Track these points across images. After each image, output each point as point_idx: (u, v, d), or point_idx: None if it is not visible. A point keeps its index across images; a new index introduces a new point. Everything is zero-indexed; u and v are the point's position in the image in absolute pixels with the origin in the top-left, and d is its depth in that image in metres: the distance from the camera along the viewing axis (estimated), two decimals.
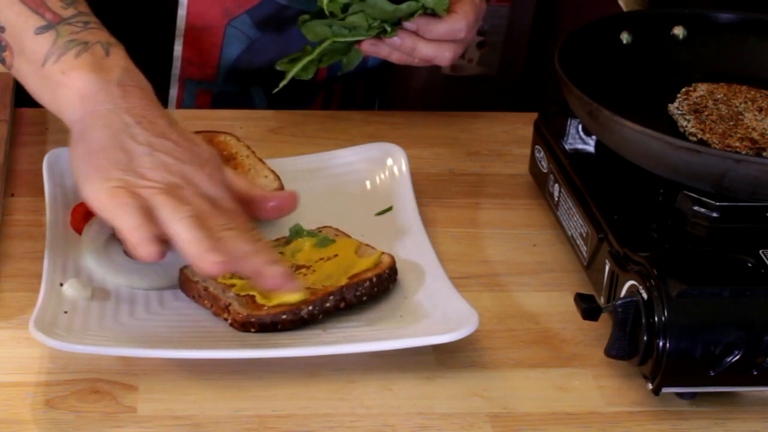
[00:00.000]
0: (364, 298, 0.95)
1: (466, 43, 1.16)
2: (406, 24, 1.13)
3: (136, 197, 0.88)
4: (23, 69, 1.01)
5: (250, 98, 1.34)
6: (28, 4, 1.00)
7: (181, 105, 1.34)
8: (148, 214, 0.88)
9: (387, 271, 0.97)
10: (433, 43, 1.14)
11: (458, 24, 1.14)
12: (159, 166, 0.91)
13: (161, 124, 0.94)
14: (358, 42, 1.15)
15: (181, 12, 1.28)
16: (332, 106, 1.39)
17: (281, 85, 1.16)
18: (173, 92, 1.33)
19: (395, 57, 1.16)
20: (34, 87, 1.00)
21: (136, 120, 0.93)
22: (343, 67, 1.20)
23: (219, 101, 1.34)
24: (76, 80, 0.96)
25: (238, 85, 1.33)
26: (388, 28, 1.13)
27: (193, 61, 1.30)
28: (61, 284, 0.95)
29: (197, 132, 1.11)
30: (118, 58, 0.98)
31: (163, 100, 1.31)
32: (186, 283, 0.96)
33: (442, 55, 1.15)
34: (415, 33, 1.14)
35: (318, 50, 1.15)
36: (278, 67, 1.17)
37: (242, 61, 1.31)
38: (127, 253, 1.00)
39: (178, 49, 1.29)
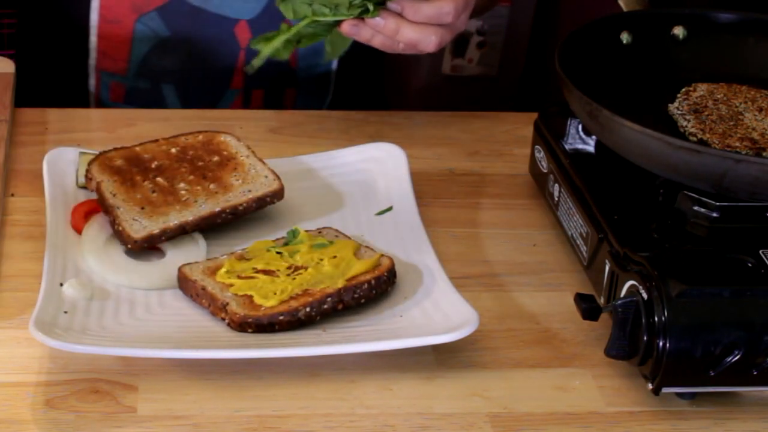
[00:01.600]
0: (362, 301, 0.96)
1: (454, 29, 1.11)
2: (390, 4, 1.08)
3: None
4: None
5: (162, 96, 1.35)
6: None
7: (98, 96, 1.35)
8: None
9: (386, 274, 0.97)
10: (418, 26, 1.09)
11: (446, 7, 1.08)
12: None
13: None
14: (339, 23, 1.09)
15: (94, 4, 1.29)
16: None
17: (255, 65, 1.11)
18: (91, 82, 1.34)
19: (377, 41, 1.10)
20: None
21: None
22: (326, 56, 1.17)
23: (131, 96, 1.35)
24: None
25: (150, 81, 1.34)
26: (371, 7, 1.07)
27: (107, 53, 1.32)
28: (61, 284, 0.95)
29: (197, 132, 1.12)
30: None
31: (83, 89, 1.33)
32: (184, 281, 0.96)
33: (428, 39, 1.09)
34: (399, 15, 1.09)
35: (295, 29, 1.10)
36: (252, 46, 1.11)
37: (152, 58, 1.32)
38: (127, 253, 1.00)
39: (93, 40, 1.31)
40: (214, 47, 1.31)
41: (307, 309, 0.93)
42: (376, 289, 0.96)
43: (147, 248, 1.00)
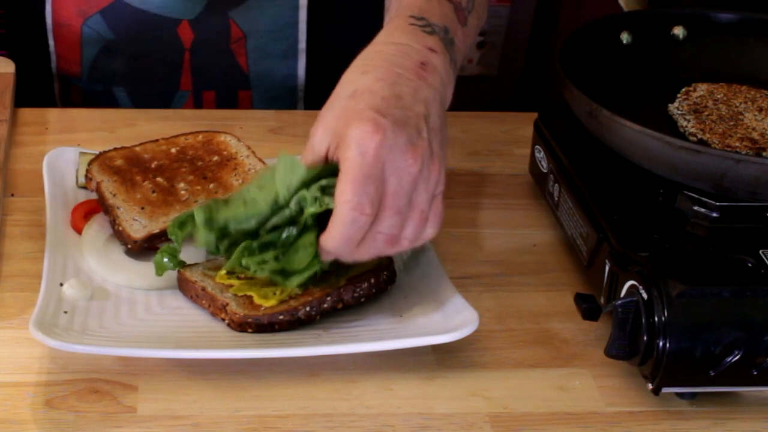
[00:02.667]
0: (362, 300, 0.95)
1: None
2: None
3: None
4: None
5: (114, 98, 1.35)
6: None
7: (61, 100, 1.36)
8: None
9: (386, 273, 0.97)
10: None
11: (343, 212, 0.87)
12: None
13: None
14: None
15: (48, 7, 1.30)
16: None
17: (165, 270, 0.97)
18: (56, 86, 1.35)
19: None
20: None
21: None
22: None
23: (87, 99, 1.35)
24: None
25: (101, 84, 1.34)
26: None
27: (62, 56, 1.33)
28: (61, 284, 0.95)
29: (197, 132, 1.12)
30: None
31: (49, 93, 1.33)
32: (184, 282, 0.96)
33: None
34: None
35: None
36: (170, 234, 0.94)
37: (101, 61, 1.32)
38: (127, 253, 1.00)
39: (51, 44, 1.32)
40: (158, 49, 1.31)
41: (307, 308, 0.93)
42: (376, 288, 0.96)
43: (147, 248, 1.00)
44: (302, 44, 1.33)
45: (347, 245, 0.87)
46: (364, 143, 0.87)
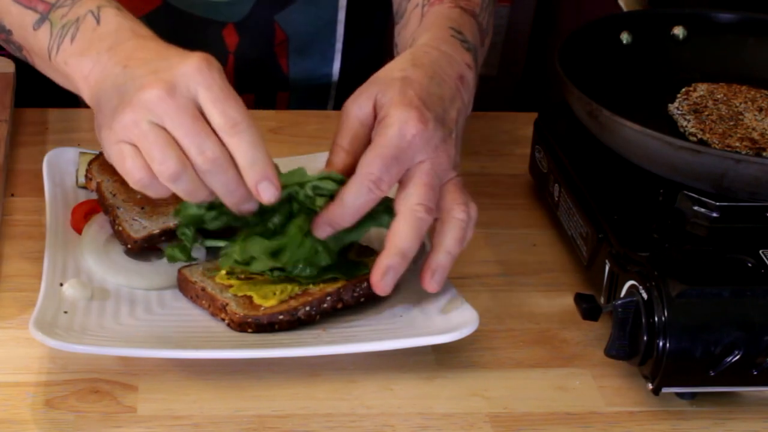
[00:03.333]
0: (362, 300, 0.95)
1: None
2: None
3: (136, 153, 0.87)
4: (41, 66, 1.01)
5: None
6: (21, 2, 1.00)
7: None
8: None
9: None
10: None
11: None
12: (144, 86, 0.87)
13: (150, 54, 0.91)
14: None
15: None
16: None
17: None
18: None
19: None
20: (55, 79, 1.00)
21: (123, 65, 0.91)
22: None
23: None
24: (76, 67, 0.95)
25: None
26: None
27: None
28: (61, 284, 0.95)
29: None
30: (108, 20, 0.95)
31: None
32: (184, 283, 0.96)
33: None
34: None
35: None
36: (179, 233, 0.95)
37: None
38: (127, 253, 1.00)
39: None
40: (202, 51, 1.31)
41: (307, 308, 0.93)
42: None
43: (147, 248, 1.00)
44: (339, 44, 1.34)
45: (353, 215, 0.90)
46: (407, 127, 0.90)
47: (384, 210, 0.93)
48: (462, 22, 1.03)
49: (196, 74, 0.88)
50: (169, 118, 0.86)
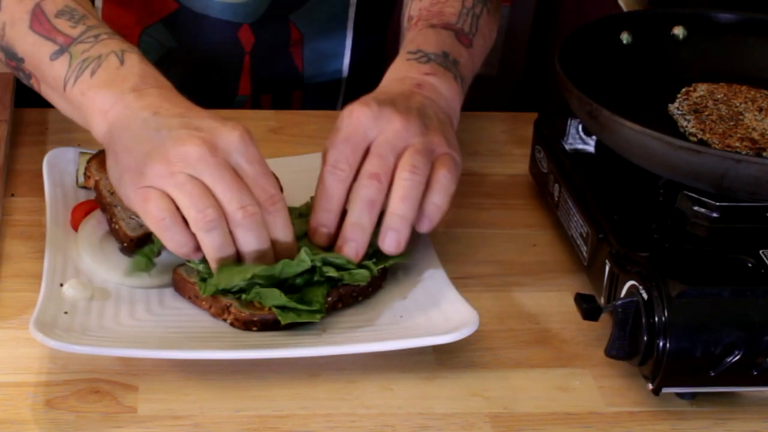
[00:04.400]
0: (360, 299, 0.96)
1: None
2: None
3: (163, 196, 0.89)
4: (50, 95, 1.02)
5: None
6: (39, 32, 1.01)
7: None
8: (177, 212, 0.89)
9: (380, 270, 0.97)
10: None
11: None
12: (184, 140, 0.89)
13: (181, 108, 0.94)
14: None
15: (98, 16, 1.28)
16: None
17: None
18: None
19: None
20: (64, 110, 1.02)
21: (153, 111, 0.93)
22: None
23: None
24: (94, 99, 0.96)
25: None
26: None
27: None
28: (61, 284, 0.95)
29: None
30: (132, 64, 0.98)
31: None
32: (181, 283, 0.96)
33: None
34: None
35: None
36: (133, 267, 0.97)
37: (159, 70, 1.31)
38: (122, 251, 1.00)
39: None
40: (218, 54, 1.31)
41: None
42: (372, 285, 0.97)
43: (143, 247, 1.00)
44: (349, 41, 1.35)
45: (330, 201, 0.95)
46: (347, 113, 0.96)
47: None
48: (424, 39, 1.07)
49: (240, 145, 0.91)
50: (209, 173, 0.89)
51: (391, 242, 0.94)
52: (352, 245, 0.94)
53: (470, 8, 1.12)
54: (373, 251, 0.97)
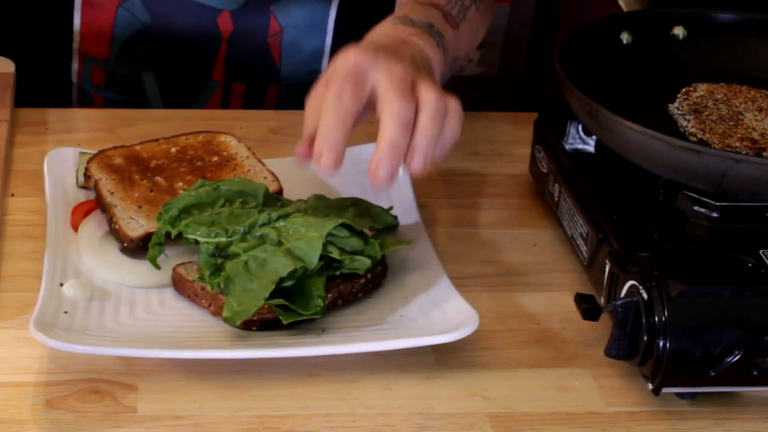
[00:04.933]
0: (360, 295, 0.96)
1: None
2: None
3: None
4: None
5: (141, 83, 1.34)
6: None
7: (81, 80, 1.35)
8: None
9: (380, 268, 0.97)
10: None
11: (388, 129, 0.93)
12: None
13: None
14: None
15: None
16: (232, 107, 1.38)
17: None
18: (74, 66, 1.34)
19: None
20: None
21: None
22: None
23: (112, 81, 1.35)
24: None
25: (130, 68, 1.34)
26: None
27: (88, 38, 1.32)
28: (61, 284, 0.95)
29: (198, 132, 1.12)
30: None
31: (66, 73, 1.33)
32: (180, 282, 0.96)
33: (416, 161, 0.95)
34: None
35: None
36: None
37: (133, 45, 1.32)
38: (122, 251, 1.00)
39: (76, 23, 1.31)
40: (195, 36, 1.31)
41: None
42: (372, 283, 0.97)
43: (142, 247, 1.00)
44: (329, 41, 1.35)
45: (340, 124, 0.92)
46: (346, 55, 0.94)
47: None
48: (411, 10, 1.08)
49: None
50: None
51: (383, 174, 0.92)
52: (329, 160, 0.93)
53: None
54: (377, 232, 0.98)
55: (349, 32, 1.35)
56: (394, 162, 0.92)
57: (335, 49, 1.35)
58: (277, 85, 1.37)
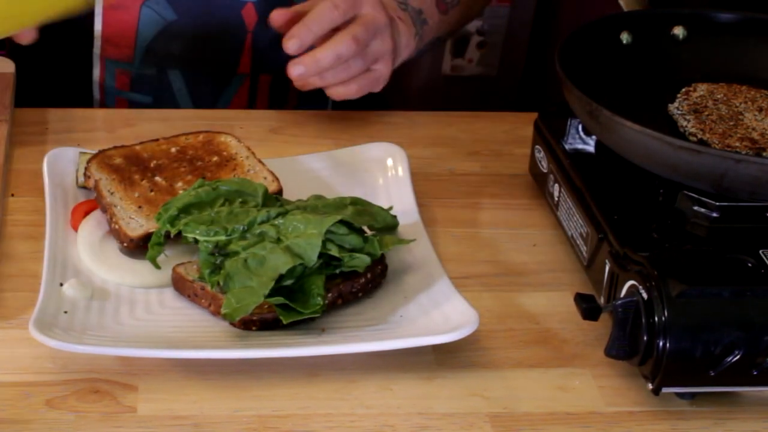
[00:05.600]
0: (360, 295, 0.96)
1: (380, 68, 1.22)
2: (291, 69, 1.15)
3: None
4: None
5: (168, 82, 1.35)
6: None
7: (103, 85, 1.34)
8: None
9: (380, 267, 0.98)
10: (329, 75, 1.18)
11: (341, 45, 1.15)
12: None
13: None
14: None
15: None
16: (258, 100, 1.38)
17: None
18: (96, 72, 1.34)
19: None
20: None
21: None
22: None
23: (137, 83, 1.34)
24: None
25: (156, 67, 1.34)
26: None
27: (112, 40, 1.32)
28: (61, 284, 0.95)
29: (198, 132, 1.12)
30: None
31: (87, 79, 1.32)
32: (180, 281, 0.96)
33: (346, 88, 1.20)
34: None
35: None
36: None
37: (158, 44, 1.31)
38: (122, 251, 1.00)
39: (97, 28, 1.31)
40: (221, 30, 1.31)
41: None
42: (372, 282, 0.97)
43: (142, 247, 1.00)
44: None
45: (316, 24, 1.14)
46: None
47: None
48: None
49: None
50: None
51: (302, 64, 1.15)
52: (296, 41, 1.13)
53: None
54: (377, 231, 0.98)
55: None
56: (308, 41, 1.12)
57: None
58: None
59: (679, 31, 1.17)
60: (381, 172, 1.12)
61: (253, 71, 1.35)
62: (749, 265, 0.90)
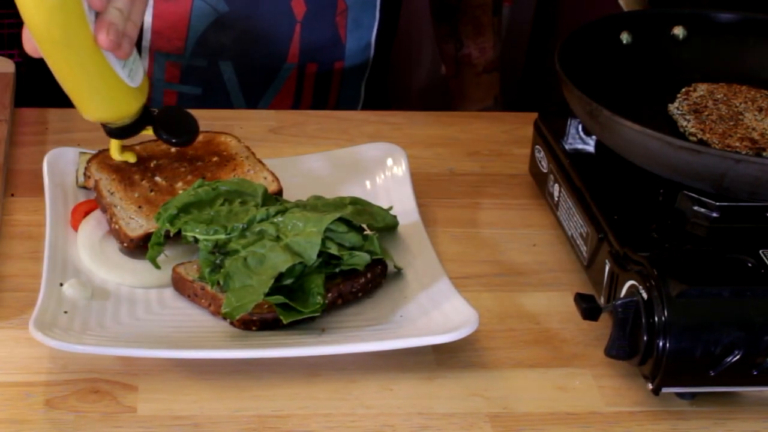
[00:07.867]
0: (360, 295, 0.96)
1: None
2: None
3: None
4: None
5: (219, 73, 1.35)
6: None
7: (152, 77, 1.35)
8: None
9: (379, 267, 0.98)
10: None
11: None
12: None
13: None
14: None
15: None
16: (305, 91, 1.39)
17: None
18: (144, 64, 1.34)
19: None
20: None
21: None
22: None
23: (188, 75, 1.35)
24: None
25: (207, 59, 1.34)
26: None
27: (162, 33, 1.32)
28: (61, 284, 0.95)
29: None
30: None
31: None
32: (180, 281, 0.96)
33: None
34: None
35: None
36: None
37: (210, 35, 1.32)
38: (122, 251, 1.00)
39: (147, 20, 1.31)
40: (271, 21, 1.32)
41: None
42: (372, 282, 0.97)
43: (142, 247, 1.00)
44: (377, 14, 1.38)
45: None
46: None
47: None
48: None
49: None
50: None
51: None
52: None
53: None
54: (376, 231, 0.99)
55: (391, 4, 1.37)
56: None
57: (382, 21, 1.39)
58: (342, 61, 1.39)
59: (679, 31, 1.17)
60: (381, 172, 1.12)
61: (301, 60, 1.36)
62: (749, 265, 0.90)
